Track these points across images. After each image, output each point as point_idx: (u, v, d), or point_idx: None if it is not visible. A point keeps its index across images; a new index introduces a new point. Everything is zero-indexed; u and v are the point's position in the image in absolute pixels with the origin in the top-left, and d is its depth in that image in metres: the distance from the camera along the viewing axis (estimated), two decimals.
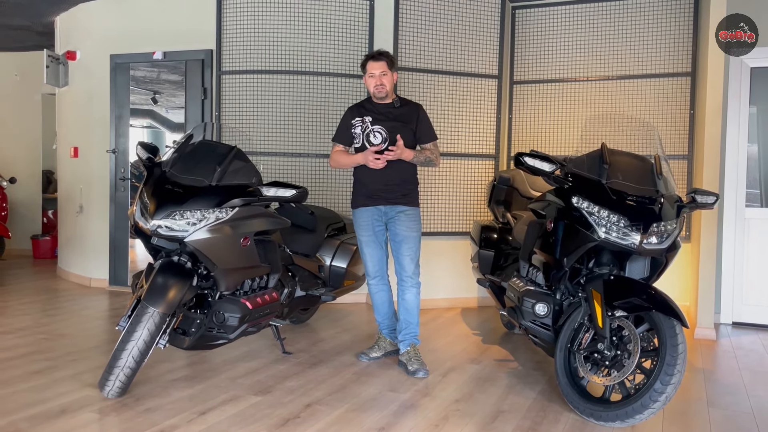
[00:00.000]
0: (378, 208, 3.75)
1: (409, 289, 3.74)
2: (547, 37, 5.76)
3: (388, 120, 3.72)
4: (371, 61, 3.70)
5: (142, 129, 6.25)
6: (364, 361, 3.84)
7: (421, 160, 3.71)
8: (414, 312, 3.75)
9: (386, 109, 3.75)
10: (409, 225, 3.72)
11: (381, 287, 3.88)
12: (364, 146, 3.73)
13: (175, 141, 3.63)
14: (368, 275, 3.88)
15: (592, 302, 2.98)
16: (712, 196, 3.25)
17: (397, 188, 3.72)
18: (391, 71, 3.72)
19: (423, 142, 3.79)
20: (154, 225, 3.08)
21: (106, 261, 6.12)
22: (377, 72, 3.68)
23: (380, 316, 3.94)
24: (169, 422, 2.81)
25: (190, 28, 5.70)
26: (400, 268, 3.74)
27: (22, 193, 8.44)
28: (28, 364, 3.62)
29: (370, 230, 3.78)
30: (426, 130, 3.79)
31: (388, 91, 3.72)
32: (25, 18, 6.70)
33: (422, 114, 3.81)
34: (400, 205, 3.73)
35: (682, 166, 5.29)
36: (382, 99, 3.74)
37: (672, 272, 4.38)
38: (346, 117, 3.84)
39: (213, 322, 3.30)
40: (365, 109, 3.80)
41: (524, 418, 2.99)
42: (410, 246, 3.72)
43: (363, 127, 3.74)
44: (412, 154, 3.65)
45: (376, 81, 3.68)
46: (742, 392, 3.46)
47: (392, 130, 3.68)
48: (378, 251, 3.81)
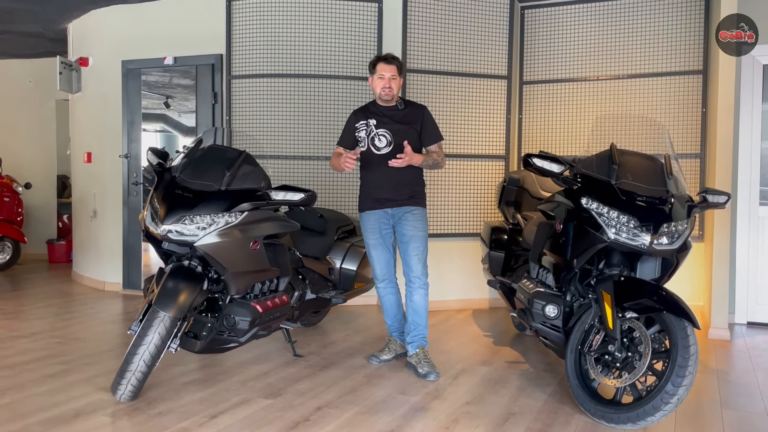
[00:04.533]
0: (385, 211, 3.76)
1: (417, 291, 3.72)
2: (556, 36, 5.73)
3: (392, 122, 3.73)
4: (383, 63, 3.71)
5: (155, 133, 6.30)
6: (374, 363, 3.84)
7: (429, 164, 3.71)
8: (422, 313, 3.73)
9: (390, 112, 3.76)
10: (416, 225, 3.72)
11: (389, 290, 3.88)
12: (370, 150, 3.74)
13: (185, 146, 3.65)
14: (376, 278, 3.88)
15: (602, 304, 2.96)
16: (723, 195, 3.22)
17: (405, 190, 3.73)
18: (400, 76, 3.75)
19: (428, 144, 3.79)
20: (165, 230, 3.11)
21: (119, 265, 6.17)
22: (387, 75, 3.69)
23: (389, 319, 3.94)
24: (180, 425, 2.83)
25: (201, 33, 5.74)
26: (407, 268, 3.73)
27: (38, 198, 8.54)
28: (43, 368, 3.66)
29: (377, 233, 3.78)
30: (431, 131, 3.79)
31: (394, 95, 3.73)
32: (38, 25, 6.78)
33: (427, 115, 3.81)
34: (407, 205, 3.74)
35: (694, 165, 5.24)
36: (387, 102, 3.75)
37: (685, 272, 4.36)
38: (350, 120, 3.85)
39: (224, 326, 3.32)
40: (370, 111, 3.80)
41: (535, 420, 2.97)
42: (417, 246, 3.71)
43: (368, 130, 3.75)
44: (421, 158, 3.65)
45: (385, 83, 3.69)
46: (757, 393, 3.43)
47: (397, 133, 3.69)
48: (385, 254, 3.81)
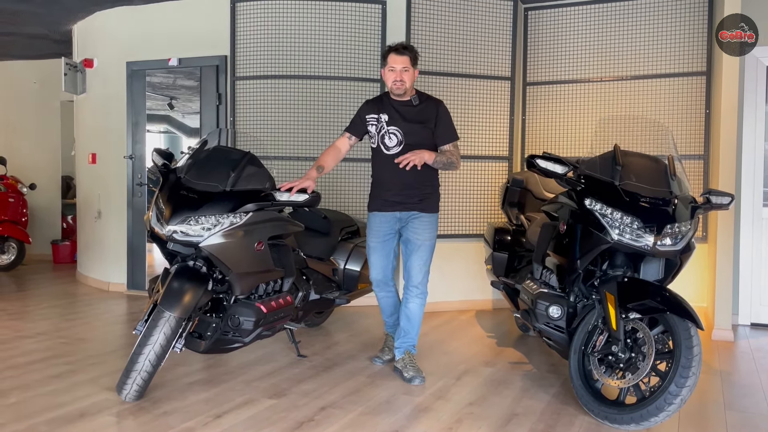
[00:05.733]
0: (394, 215, 3.59)
1: (414, 299, 3.60)
2: (560, 37, 5.74)
3: (404, 120, 3.50)
4: (394, 53, 3.44)
5: (159, 134, 6.32)
6: (378, 364, 3.82)
7: (443, 162, 3.47)
8: (415, 322, 3.63)
9: (404, 108, 3.53)
10: (423, 234, 3.55)
11: (386, 293, 3.79)
12: (380, 147, 3.56)
13: (189, 147, 3.67)
14: (373, 282, 3.76)
15: (605, 304, 2.96)
16: (727, 196, 3.22)
17: (416, 192, 3.53)
18: (414, 68, 3.47)
19: (442, 144, 3.54)
20: (170, 230, 3.13)
21: (124, 265, 6.19)
22: (399, 67, 3.43)
23: (386, 316, 3.89)
24: (185, 425, 2.84)
25: (205, 34, 5.76)
26: (408, 275, 3.60)
27: (42, 198, 8.57)
28: (48, 368, 3.68)
29: (380, 237, 3.63)
30: (445, 129, 3.54)
31: (407, 88, 3.49)
32: (43, 26, 6.81)
33: (442, 112, 3.55)
34: (416, 211, 3.55)
35: (697, 166, 5.24)
36: (400, 96, 3.52)
37: (689, 273, 4.36)
38: (362, 110, 3.63)
39: (228, 326, 3.34)
40: (383, 104, 3.57)
41: (538, 421, 2.98)
42: (421, 255, 3.56)
43: (378, 126, 3.55)
44: (432, 156, 3.41)
45: (396, 76, 3.44)
46: (760, 394, 3.43)
47: (408, 133, 3.49)
48: (384, 259, 3.66)
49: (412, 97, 3.54)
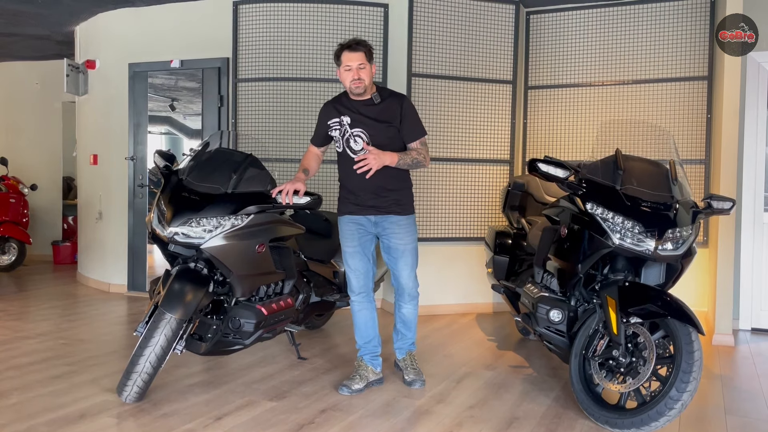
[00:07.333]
0: (368, 218, 3.38)
1: (408, 303, 3.51)
2: (561, 42, 5.74)
3: (368, 120, 3.28)
4: (347, 51, 3.23)
5: (161, 136, 6.33)
6: (345, 394, 3.33)
7: (408, 163, 3.27)
8: (412, 326, 3.56)
9: (366, 107, 3.31)
10: (405, 238, 3.39)
11: (365, 305, 3.48)
12: (346, 152, 3.34)
13: (191, 149, 3.67)
14: (351, 291, 3.47)
15: (606, 309, 2.96)
16: (728, 201, 3.22)
17: (389, 194, 3.34)
18: (370, 63, 3.27)
19: (409, 141, 3.33)
20: (171, 232, 3.13)
21: (124, 267, 6.19)
22: (354, 64, 3.21)
23: (362, 339, 3.49)
24: (185, 427, 2.84)
25: (207, 36, 5.77)
26: (397, 281, 3.47)
27: (43, 199, 8.58)
28: (48, 369, 3.68)
29: (356, 240, 3.39)
30: (411, 126, 3.32)
31: (366, 86, 3.27)
32: (45, 28, 6.82)
33: (406, 107, 3.33)
34: (393, 215, 3.35)
35: (699, 171, 5.24)
36: (360, 95, 3.29)
37: (689, 278, 4.35)
38: (322, 116, 3.42)
39: (229, 328, 3.34)
40: (343, 106, 3.35)
41: (539, 425, 2.98)
42: (407, 260, 3.41)
43: (342, 130, 3.33)
44: (396, 157, 3.21)
45: (353, 75, 3.22)
46: (761, 399, 3.43)
47: (375, 134, 3.28)
48: (364, 264, 3.42)
49: (372, 95, 3.32)
